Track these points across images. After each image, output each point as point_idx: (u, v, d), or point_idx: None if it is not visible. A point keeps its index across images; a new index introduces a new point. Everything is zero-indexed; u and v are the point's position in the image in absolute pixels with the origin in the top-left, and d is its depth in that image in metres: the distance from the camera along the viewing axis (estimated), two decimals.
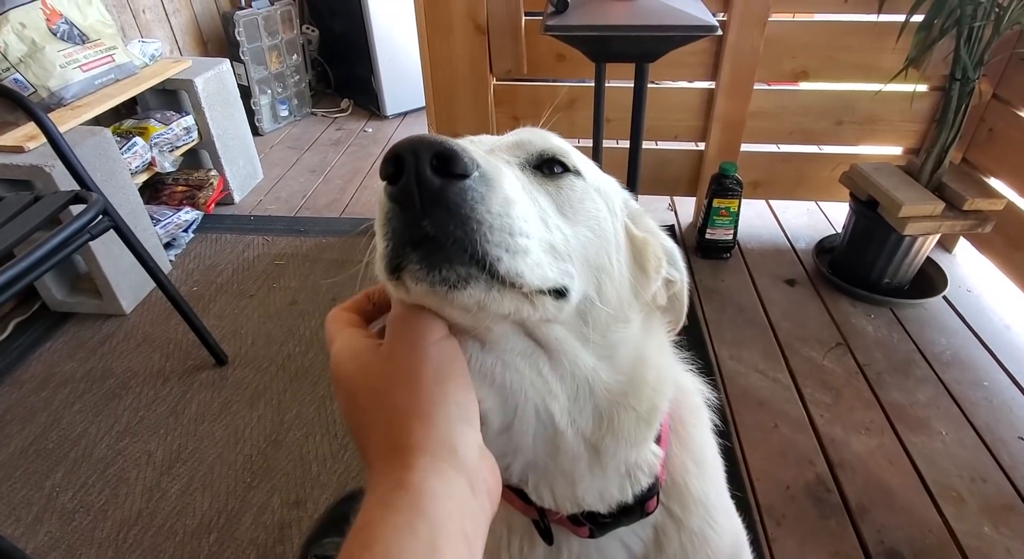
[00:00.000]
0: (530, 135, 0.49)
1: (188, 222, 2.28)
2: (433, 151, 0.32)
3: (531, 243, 0.36)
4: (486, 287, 0.35)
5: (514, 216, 0.35)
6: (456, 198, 0.33)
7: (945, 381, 1.61)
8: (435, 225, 0.33)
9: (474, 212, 0.33)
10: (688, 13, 1.33)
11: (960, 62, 1.59)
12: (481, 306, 0.35)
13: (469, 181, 0.34)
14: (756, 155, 2.21)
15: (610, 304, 0.45)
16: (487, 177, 0.35)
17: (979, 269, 2.01)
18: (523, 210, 0.37)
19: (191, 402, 1.61)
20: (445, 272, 0.34)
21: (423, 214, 0.33)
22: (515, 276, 0.35)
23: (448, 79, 2.03)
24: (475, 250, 0.33)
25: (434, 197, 0.33)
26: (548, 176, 0.45)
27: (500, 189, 0.35)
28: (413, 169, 0.32)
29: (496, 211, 0.34)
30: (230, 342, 1.81)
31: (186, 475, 1.41)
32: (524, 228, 0.36)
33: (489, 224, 0.34)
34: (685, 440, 0.60)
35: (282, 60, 3.29)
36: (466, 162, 0.33)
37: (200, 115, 2.32)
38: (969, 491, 1.33)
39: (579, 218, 0.44)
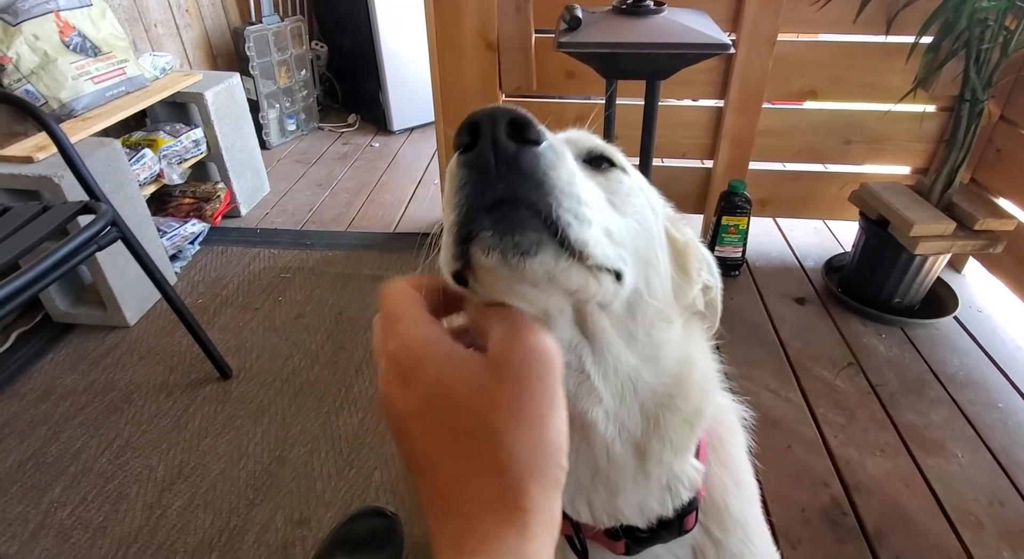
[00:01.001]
0: (579, 134, 0.50)
1: (195, 234, 2.27)
2: (509, 117, 0.33)
3: (594, 215, 0.36)
4: (555, 255, 0.34)
5: (580, 186, 0.36)
6: (531, 162, 0.33)
7: (959, 402, 1.59)
8: (509, 188, 0.33)
9: (547, 176, 0.34)
10: (701, 31, 1.34)
11: (969, 83, 1.59)
12: (551, 277, 0.34)
13: (542, 147, 0.34)
14: (764, 173, 2.21)
15: (657, 299, 0.45)
16: (556, 148, 0.35)
17: (989, 289, 2.00)
18: (585, 186, 0.37)
19: (194, 416, 1.58)
20: (518, 237, 0.33)
21: (498, 178, 0.33)
22: (583, 244, 0.34)
23: (458, 95, 2.04)
24: (548, 213, 0.33)
25: (509, 161, 0.33)
26: (598, 169, 0.46)
27: (568, 161, 0.36)
28: (490, 134, 0.33)
29: (566, 178, 0.35)
30: (234, 356, 1.79)
31: (188, 491, 1.38)
32: (589, 199, 0.36)
33: (560, 189, 0.34)
34: (724, 458, 0.59)
35: (291, 75, 3.31)
36: (539, 130, 0.34)
37: (209, 128, 2.33)
38: (987, 515, 1.30)
39: (628, 210, 0.44)
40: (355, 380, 1.70)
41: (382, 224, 2.55)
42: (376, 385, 0.38)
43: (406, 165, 3.13)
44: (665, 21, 1.40)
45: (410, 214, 2.62)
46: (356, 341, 1.85)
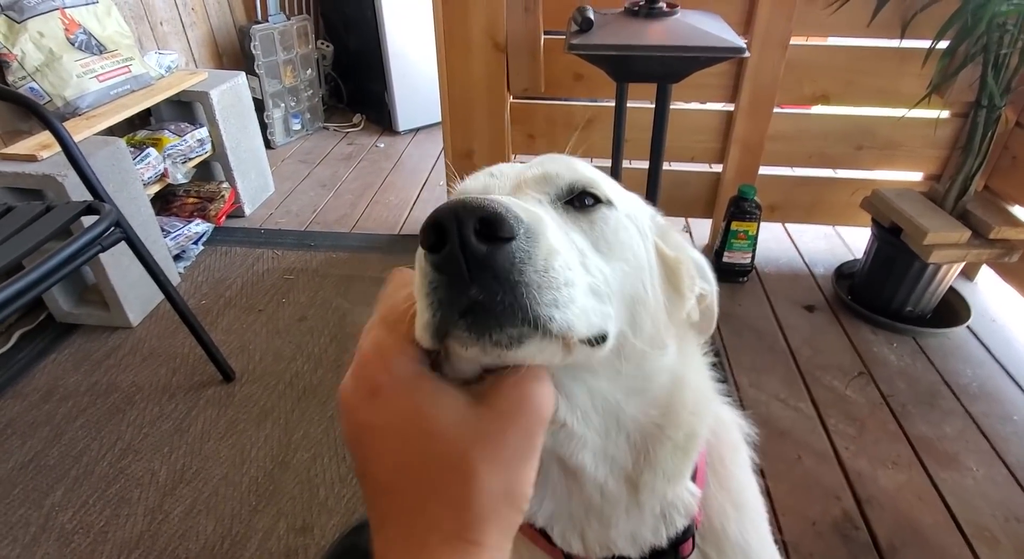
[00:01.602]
0: (556, 166, 0.47)
1: (198, 234, 2.25)
2: (477, 216, 0.31)
3: (576, 291, 0.35)
4: (538, 343, 0.34)
5: (558, 267, 0.34)
6: (504, 263, 0.32)
7: (973, 414, 1.56)
8: (484, 291, 0.32)
9: (523, 275, 0.32)
10: (715, 35, 1.31)
11: (987, 89, 1.57)
12: (529, 360, 0.34)
13: (516, 242, 0.32)
14: (773, 178, 2.19)
15: (644, 334, 0.44)
16: (531, 232, 0.33)
17: (1003, 298, 1.97)
18: (566, 258, 0.35)
19: (197, 419, 1.57)
20: (496, 336, 0.33)
21: (471, 280, 0.32)
22: (566, 330, 0.34)
23: (465, 96, 2.02)
24: (527, 314, 0.32)
25: (481, 264, 0.32)
26: (580, 210, 0.44)
27: (544, 242, 0.34)
28: (456, 236, 0.31)
29: (542, 267, 0.33)
30: (237, 358, 1.77)
31: (190, 497, 1.36)
32: (569, 277, 0.35)
33: (537, 284, 0.33)
34: (724, 480, 0.57)
35: (296, 74, 3.29)
36: (511, 223, 0.32)
37: (214, 127, 2.31)
38: (1003, 531, 1.27)
39: (615, 252, 0.42)
40: None
41: (387, 225, 2.53)
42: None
43: (411, 166, 3.11)
44: (678, 23, 1.38)
45: (416, 216, 2.60)
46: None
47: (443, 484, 0.32)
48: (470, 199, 0.32)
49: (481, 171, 0.50)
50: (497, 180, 0.48)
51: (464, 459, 0.32)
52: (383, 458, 0.33)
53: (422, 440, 0.33)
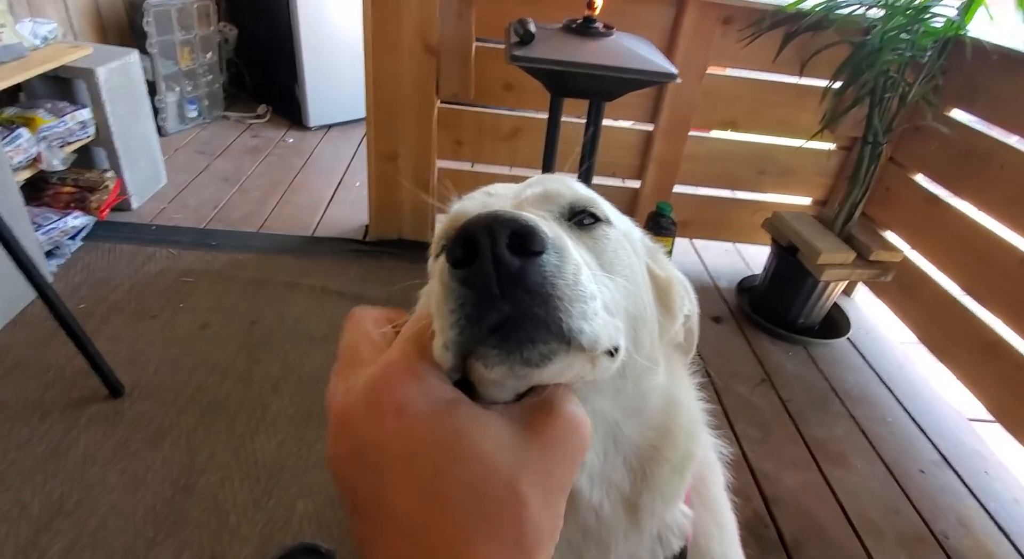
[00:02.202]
0: (557, 185, 0.46)
1: (77, 228, 1.99)
2: (510, 230, 0.31)
3: (598, 304, 0.35)
4: (567, 358, 0.33)
5: (584, 280, 0.33)
6: (537, 277, 0.31)
7: (856, 417, 1.74)
8: (516, 307, 0.31)
9: (555, 288, 0.32)
10: (651, 59, 1.37)
11: (872, 127, 1.76)
12: (557, 377, 0.34)
13: (546, 256, 0.32)
14: (685, 196, 2.32)
15: (644, 352, 0.44)
16: (559, 247, 0.33)
17: (875, 313, 2.23)
18: (588, 272, 0.35)
19: (77, 441, 1.37)
20: (527, 353, 0.31)
21: (502, 298, 0.31)
22: (594, 342, 0.33)
23: (392, 97, 1.95)
24: (559, 327, 0.31)
25: (513, 279, 0.31)
26: (583, 228, 0.44)
27: (572, 255, 0.33)
28: (489, 251, 0.30)
29: (571, 280, 0.33)
30: (127, 370, 1.57)
31: (71, 531, 1.19)
32: (593, 290, 0.34)
33: (569, 297, 0.32)
34: (707, 500, 0.58)
35: (195, 57, 3.03)
36: (542, 237, 0.32)
37: (99, 109, 2.06)
38: (886, 523, 1.43)
39: (616, 269, 0.43)
40: (272, 398, 1.55)
41: (299, 226, 2.39)
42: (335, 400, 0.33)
43: (324, 164, 2.96)
44: (615, 45, 1.42)
45: (330, 217, 2.47)
46: (272, 354, 1.70)
47: (493, 517, 0.28)
48: (501, 212, 0.31)
49: (477, 191, 0.49)
50: (495, 199, 0.47)
51: (514, 489, 0.29)
52: (407, 487, 0.28)
53: (464, 467, 0.29)
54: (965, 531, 1.43)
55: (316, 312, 1.87)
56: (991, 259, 1.68)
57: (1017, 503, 1.52)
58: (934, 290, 1.89)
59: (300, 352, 1.72)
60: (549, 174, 0.52)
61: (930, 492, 1.52)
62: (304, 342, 1.75)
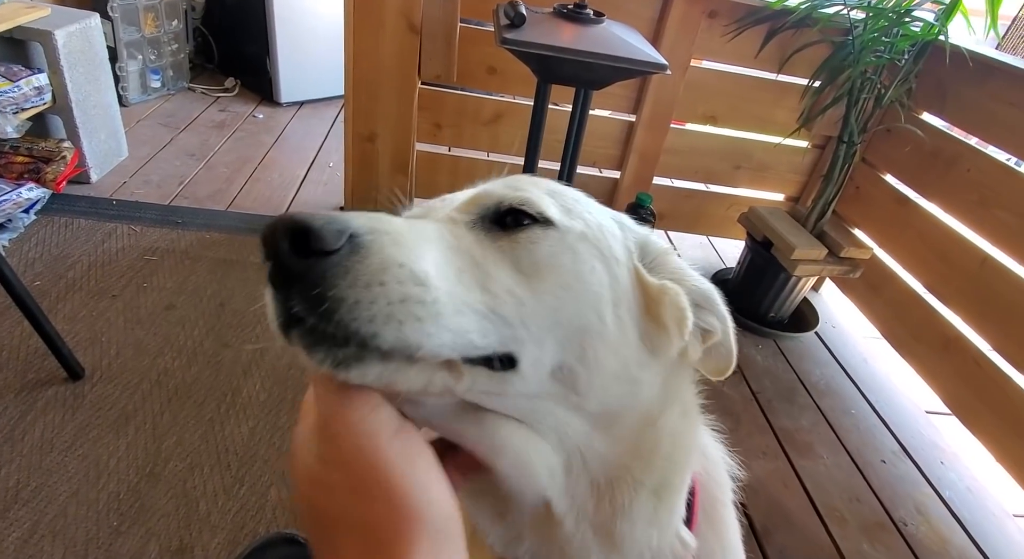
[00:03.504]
0: (493, 186, 0.44)
1: (31, 201, 1.88)
2: (288, 230, 0.31)
3: (434, 307, 0.33)
4: (381, 362, 0.33)
5: (392, 281, 0.32)
6: (315, 278, 0.31)
7: (822, 409, 1.80)
8: (304, 307, 0.32)
9: (335, 290, 0.31)
10: (641, 49, 1.36)
11: (848, 127, 1.80)
12: (383, 381, 0.33)
13: (336, 256, 0.32)
14: (663, 188, 2.34)
15: (603, 368, 0.41)
16: (361, 245, 0.32)
17: (842, 308, 2.30)
18: (419, 271, 0.33)
19: (33, 426, 1.30)
20: (324, 353, 0.32)
21: (291, 297, 0.32)
22: (405, 348, 0.32)
23: (372, 75, 1.89)
24: (343, 331, 0.31)
25: (297, 278, 0.31)
26: (507, 230, 0.41)
27: (378, 256, 0.33)
28: (274, 252, 0.31)
29: (364, 281, 0.32)
30: (87, 351, 1.50)
31: (28, 520, 1.13)
32: (415, 293, 0.33)
33: (355, 299, 0.31)
34: (716, 523, 0.56)
35: (159, 24, 2.88)
36: (326, 236, 0.31)
37: (56, 74, 1.94)
38: (849, 511, 1.48)
39: (544, 275, 0.39)
40: (243, 383, 1.51)
41: (270, 206, 2.31)
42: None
43: (296, 142, 2.87)
44: (606, 32, 1.40)
45: (303, 197, 2.40)
46: (243, 337, 1.64)
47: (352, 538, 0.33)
48: (291, 214, 0.32)
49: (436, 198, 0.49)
50: (444, 203, 0.46)
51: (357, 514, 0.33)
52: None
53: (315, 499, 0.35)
54: (922, 518, 1.49)
55: None
56: (954, 259, 1.74)
57: (970, 492, 1.60)
58: (899, 287, 1.96)
59: (272, 336, 1.66)
60: (520, 175, 0.48)
61: (890, 481, 1.59)
62: None
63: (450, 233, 0.39)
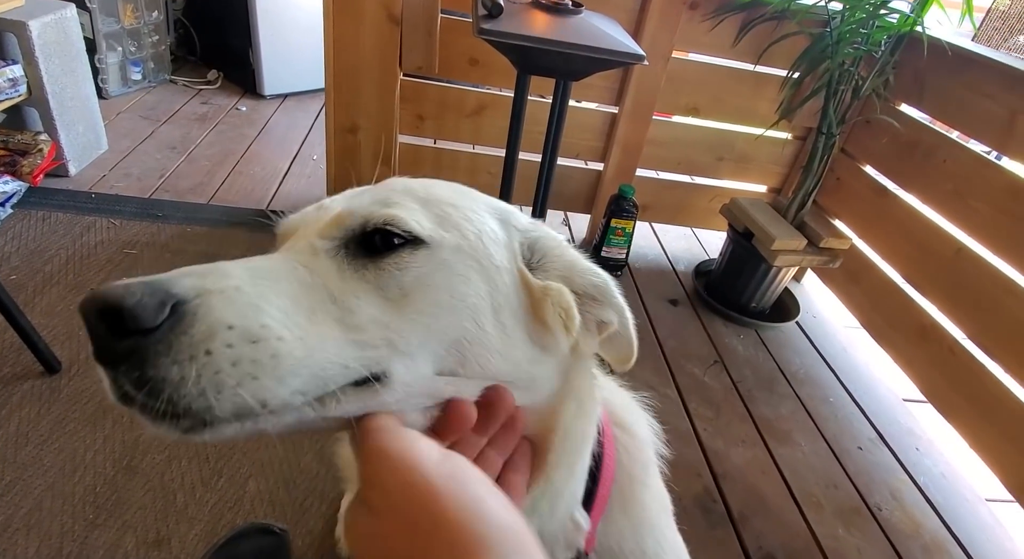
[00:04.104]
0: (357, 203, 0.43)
1: (7, 194, 1.85)
2: (102, 311, 0.30)
3: (274, 361, 0.32)
4: (234, 422, 0.32)
5: (225, 345, 0.31)
6: (137, 359, 0.30)
7: (801, 397, 1.82)
8: (131, 387, 0.31)
9: (157, 369, 0.30)
10: (620, 39, 1.36)
11: (827, 119, 1.81)
12: (246, 434, 0.33)
13: (157, 333, 0.30)
14: (646, 180, 2.34)
15: (489, 371, 0.42)
16: (184, 314, 0.31)
17: (822, 298, 2.32)
18: (252, 327, 0.32)
19: (9, 420, 1.29)
20: (167, 426, 0.32)
21: (117, 376, 0.31)
22: (248, 410, 0.32)
23: (352, 67, 1.88)
24: (175, 408, 0.31)
25: (120, 358, 0.30)
26: (374, 256, 0.40)
27: (203, 322, 0.31)
28: (92, 333, 0.30)
29: (189, 354, 0.31)
30: (64, 345, 1.49)
31: (2, 514, 1.12)
32: (248, 353, 0.32)
33: (180, 376, 0.30)
34: (629, 504, 0.58)
35: (139, 15, 2.84)
36: (141, 314, 0.30)
37: (32, 66, 1.91)
38: (825, 497, 1.50)
39: (414, 298, 0.39)
40: None
41: (252, 199, 2.29)
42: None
43: (279, 135, 2.84)
44: (584, 23, 1.40)
45: (285, 191, 2.39)
46: None
47: None
48: (103, 291, 0.30)
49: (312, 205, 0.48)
50: (318, 213, 0.45)
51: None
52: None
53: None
54: (896, 504, 1.52)
55: None
56: (930, 248, 1.77)
57: (944, 478, 1.63)
58: (877, 277, 1.98)
59: None
60: (397, 179, 0.48)
61: (866, 468, 1.61)
62: None
63: (305, 269, 0.38)
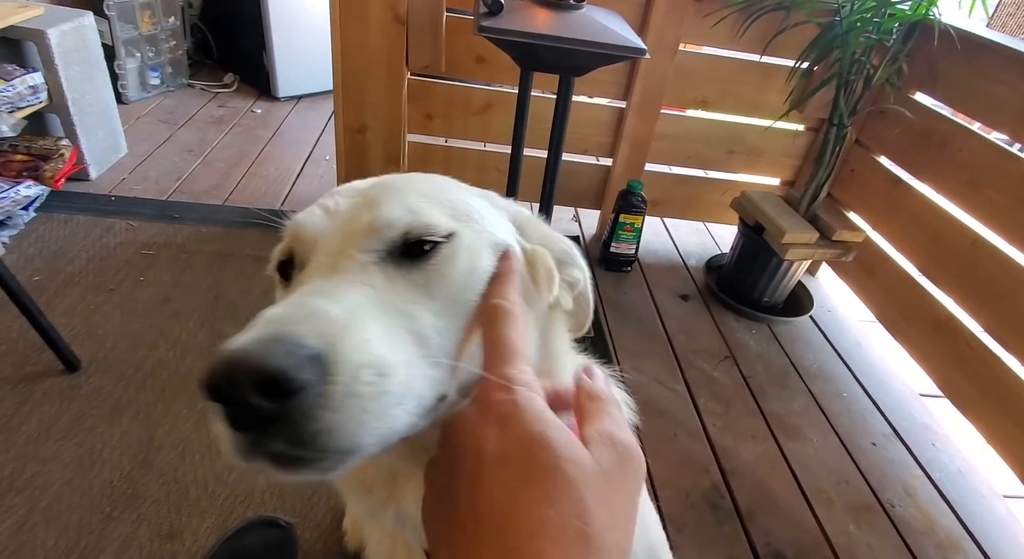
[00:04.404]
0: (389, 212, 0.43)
1: (29, 198, 1.91)
2: (257, 380, 0.29)
3: (399, 388, 0.34)
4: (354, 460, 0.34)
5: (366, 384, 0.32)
6: (295, 420, 0.30)
7: (813, 392, 1.80)
8: (284, 444, 0.31)
9: (318, 421, 0.30)
10: (620, 34, 1.35)
11: (838, 109, 1.78)
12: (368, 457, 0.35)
13: (309, 390, 0.30)
14: (656, 175, 2.33)
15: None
16: (326, 364, 0.31)
17: (837, 292, 2.28)
18: (379, 361, 0.33)
19: (30, 417, 1.34)
20: (308, 472, 0.33)
21: (263, 440, 0.31)
22: (388, 440, 0.34)
23: (360, 67, 1.90)
24: (324, 453, 0.32)
25: (271, 420, 0.30)
26: (415, 260, 0.41)
27: (344, 369, 0.32)
28: (239, 400, 0.30)
29: (340, 402, 0.31)
30: (83, 344, 1.54)
31: (23, 507, 1.16)
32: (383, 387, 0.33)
33: (336, 423, 0.31)
34: None
35: (156, 21, 2.90)
36: (297, 377, 0.29)
37: (52, 73, 1.97)
38: (836, 493, 1.48)
39: (454, 293, 0.41)
40: None
41: (266, 200, 2.34)
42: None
43: (293, 136, 2.89)
44: (586, 18, 1.40)
45: (299, 191, 2.43)
46: (237, 329, 1.62)
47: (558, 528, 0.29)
48: (248, 356, 0.30)
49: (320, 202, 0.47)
50: (331, 220, 0.44)
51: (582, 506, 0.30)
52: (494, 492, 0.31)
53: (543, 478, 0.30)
54: (910, 500, 1.49)
55: None
56: (946, 240, 1.73)
57: (961, 474, 1.60)
58: (892, 270, 1.94)
59: None
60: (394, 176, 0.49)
61: (880, 463, 1.58)
62: None
63: (370, 288, 0.38)
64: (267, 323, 0.32)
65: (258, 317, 0.34)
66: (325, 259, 0.41)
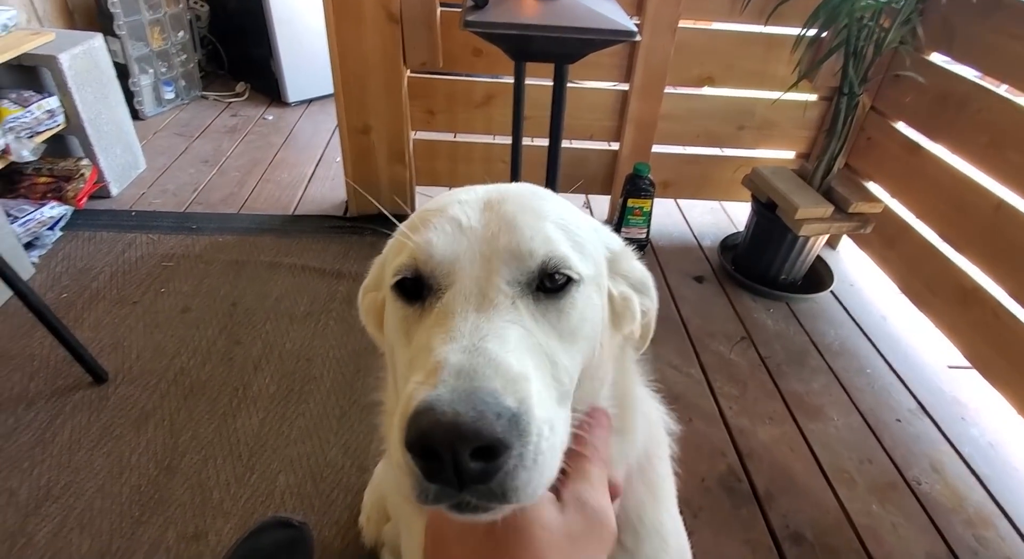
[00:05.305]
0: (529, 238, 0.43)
1: (54, 218, 1.99)
2: (474, 446, 0.32)
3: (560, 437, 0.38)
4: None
5: (545, 439, 0.35)
6: (500, 477, 0.33)
7: (835, 370, 1.75)
8: (476, 496, 0.34)
9: (516, 480, 0.33)
10: (608, 17, 1.33)
11: (847, 78, 1.72)
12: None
13: (511, 452, 0.33)
14: (665, 156, 2.29)
15: (590, 379, 0.47)
16: (520, 424, 0.34)
17: (859, 265, 2.21)
18: (549, 416, 0.37)
19: (63, 428, 1.41)
20: (480, 516, 0.36)
21: (462, 491, 0.33)
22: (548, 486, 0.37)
23: (359, 69, 1.92)
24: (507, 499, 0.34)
25: (475, 478, 0.33)
26: (549, 296, 0.43)
27: (534, 427, 0.34)
28: (451, 462, 0.32)
29: (531, 461, 0.34)
30: (110, 356, 1.60)
31: (58, 514, 1.23)
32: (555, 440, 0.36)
33: (529, 480, 0.34)
34: (648, 476, 0.61)
35: (166, 36, 2.97)
36: (507, 442, 0.32)
37: (67, 96, 2.04)
38: (858, 472, 1.45)
39: (577, 336, 0.44)
40: (253, 377, 1.58)
41: (279, 206, 2.38)
42: None
43: (304, 141, 2.93)
44: (573, 4, 1.37)
45: (311, 195, 2.46)
46: (254, 334, 1.72)
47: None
48: (465, 422, 0.31)
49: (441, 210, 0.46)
50: (465, 238, 0.43)
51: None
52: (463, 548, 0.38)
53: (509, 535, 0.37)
54: (937, 477, 1.45)
55: (297, 290, 1.88)
56: (968, 206, 1.65)
57: (992, 447, 1.54)
58: (915, 240, 1.87)
59: (281, 331, 1.74)
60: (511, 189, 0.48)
61: (905, 440, 1.54)
62: (285, 320, 1.77)
63: (524, 330, 0.40)
64: (459, 376, 0.34)
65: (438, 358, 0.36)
66: (472, 286, 0.41)
